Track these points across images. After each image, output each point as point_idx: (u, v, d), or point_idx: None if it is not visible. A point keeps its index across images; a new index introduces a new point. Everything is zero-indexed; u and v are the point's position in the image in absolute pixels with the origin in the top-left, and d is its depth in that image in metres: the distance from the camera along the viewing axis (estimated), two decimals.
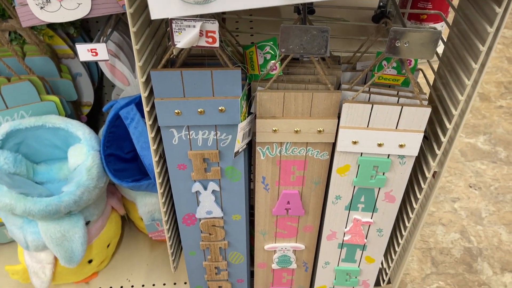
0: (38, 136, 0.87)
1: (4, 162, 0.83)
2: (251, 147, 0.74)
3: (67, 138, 0.88)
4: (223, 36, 0.63)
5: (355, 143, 0.66)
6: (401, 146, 0.66)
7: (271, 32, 0.82)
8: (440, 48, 0.73)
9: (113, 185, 1.01)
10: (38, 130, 0.86)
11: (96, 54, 0.70)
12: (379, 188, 0.72)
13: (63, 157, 0.90)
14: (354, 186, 0.72)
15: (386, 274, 0.91)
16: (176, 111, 0.63)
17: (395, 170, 0.70)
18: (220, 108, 0.63)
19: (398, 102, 0.64)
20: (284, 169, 0.71)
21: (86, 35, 0.95)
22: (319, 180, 0.73)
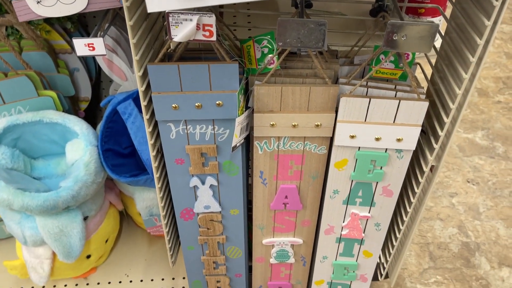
0: (36, 131, 0.87)
1: (1, 157, 0.83)
2: (248, 141, 0.74)
3: (65, 133, 0.88)
4: (220, 30, 0.63)
5: (352, 137, 0.66)
6: (398, 140, 0.66)
7: (268, 26, 0.82)
8: (438, 42, 0.73)
9: (111, 180, 1.01)
10: (35, 125, 0.86)
11: (93, 48, 0.70)
12: (377, 182, 0.72)
13: (60, 152, 0.90)
14: (352, 180, 0.72)
15: (384, 269, 0.91)
16: (174, 105, 0.63)
17: (392, 164, 0.70)
18: (217, 102, 0.63)
19: (396, 96, 0.64)
20: (282, 163, 0.71)
21: (83, 30, 0.95)
22: (317, 175, 0.73)
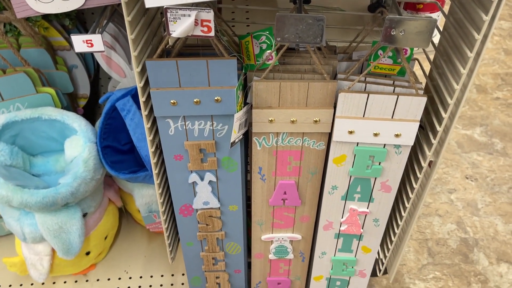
0: (34, 128, 0.87)
1: (0, 154, 0.83)
2: (247, 137, 0.74)
3: (64, 130, 0.88)
4: (218, 25, 0.63)
5: (351, 133, 0.66)
6: (397, 135, 0.66)
7: (267, 22, 0.82)
8: (436, 38, 0.73)
9: (110, 177, 1.02)
10: (34, 122, 0.86)
11: (91, 45, 0.70)
12: (375, 178, 0.72)
13: (59, 149, 0.90)
14: (350, 176, 0.72)
15: (383, 264, 0.91)
16: (172, 101, 0.63)
17: (391, 160, 0.70)
18: (216, 98, 0.63)
19: (394, 91, 0.64)
20: (280, 159, 0.71)
21: (81, 26, 0.94)
22: (315, 170, 0.73)
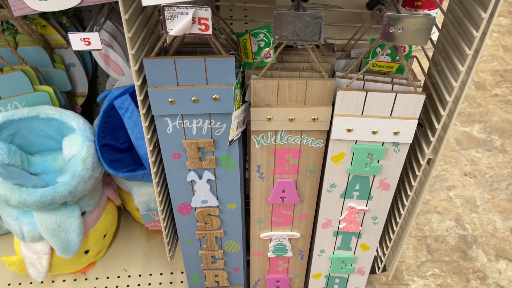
0: (32, 126, 0.87)
1: None
2: (245, 135, 0.74)
3: (62, 128, 0.87)
4: (216, 23, 0.63)
5: (349, 130, 0.66)
6: (395, 133, 0.66)
7: (265, 20, 0.82)
8: (435, 35, 0.73)
9: (108, 175, 1.01)
10: (32, 121, 0.86)
11: (89, 43, 0.69)
12: (374, 175, 0.72)
13: (57, 147, 0.90)
14: (349, 174, 0.72)
15: (382, 262, 0.91)
16: (170, 100, 0.63)
17: (389, 158, 0.70)
18: (214, 96, 0.63)
19: (393, 89, 0.64)
20: (279, 157, 0.71)
21: (79, 24, 0.94)
22: (314, 169, 0.73)
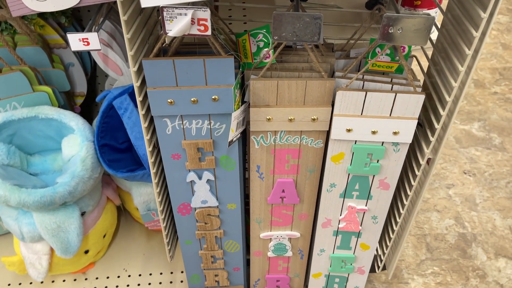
0: (31, 127, 0.87)
1: None
2: (245, 136, 0.74)
3: (61, 129, 0.87)
4: (215, 24, 0.63)
5: (349, 131, 0.66)
6: (395, 133, 0.66)
7: (264, 20, 0.82)
8: (434, 35, 0.73)
9: (108, 175, 1.01)
10: (31, 121, 0.85)
11: (87, 43, 0.69)
12: (374, 175, 0.72)
13: (57, 148, 0.90)
14: (349, 174, 0.72)
15: (381, 261, 0.91)
16: (169, 101, 0.63)
17: (389, 158, 0.70)
18: (213, 97, 0.62)
19: (392, 89, 0.64)
20: (278, 157, 0.71)
21: (78, 24, 0.94)
22: (313, 168, 0.73)
